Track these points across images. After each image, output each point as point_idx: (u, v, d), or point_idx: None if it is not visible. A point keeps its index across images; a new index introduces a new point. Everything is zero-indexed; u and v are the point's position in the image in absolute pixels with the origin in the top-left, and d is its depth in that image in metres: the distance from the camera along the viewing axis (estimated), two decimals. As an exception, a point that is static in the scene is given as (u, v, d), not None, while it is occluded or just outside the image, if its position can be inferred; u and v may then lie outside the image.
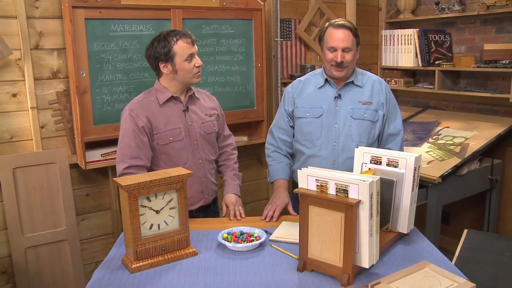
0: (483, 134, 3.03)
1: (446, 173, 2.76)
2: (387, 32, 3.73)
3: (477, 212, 3.40)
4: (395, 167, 1.70)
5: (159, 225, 1.64)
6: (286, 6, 3.41)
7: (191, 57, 1.98)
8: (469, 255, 2.24)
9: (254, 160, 3.51)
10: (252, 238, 1.75)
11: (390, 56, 3.74)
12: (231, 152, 2.31)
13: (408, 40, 3.55)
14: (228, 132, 2.33)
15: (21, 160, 2.54)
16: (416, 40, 3.47)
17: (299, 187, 1.55)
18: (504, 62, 2.99)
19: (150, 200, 1.61)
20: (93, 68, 2.56)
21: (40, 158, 2.59)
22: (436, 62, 3.41)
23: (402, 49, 3.62)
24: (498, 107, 3.27)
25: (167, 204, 1.64)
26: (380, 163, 1.73)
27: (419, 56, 3.48)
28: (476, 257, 2.23)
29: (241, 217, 2.03)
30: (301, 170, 1.54)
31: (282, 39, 3.42)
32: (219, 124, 2.21)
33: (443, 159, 2.91)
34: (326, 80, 2.13)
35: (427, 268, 1.46)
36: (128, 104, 2.03)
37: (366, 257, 1.46)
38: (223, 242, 1.71)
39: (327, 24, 2.09)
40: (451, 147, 3.02)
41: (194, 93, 2.11)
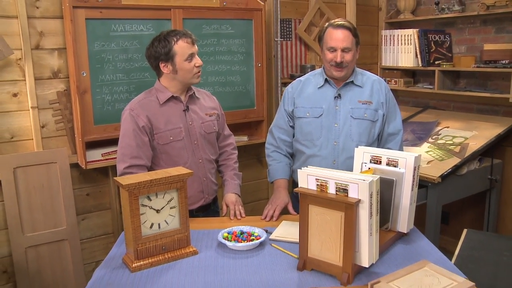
0: (483, 134, 3.03)
1: (446, 173, 2.77)
2: (387, 32, 3.73)
3: (476, 212, 3.40)
4: (395, 166, 1.71)
5: (159, 224, 1.64)
6: (286, 6, 3.41)
7: (191, 57, 1.98)
8: (468, 255, 2.24)
9: (254, 160, 3.51)
10: (252, 238, 1.75)
11: (390, 56, 3.74)
12: (231, 151, 2.31)
13: (408, 40, 3.55)
14: (228, 132, 2.33)
15: (21, 159, 2.54)
16: (416, 40, 3.47)
17: (299, 186, 1.56)
18: (504, 62, 2.99)
19: (151, 199, 1.61)
20: (93, 68, 2.56)
21: (41, 158, 2.60)
22: (436, 62, 3.42)
23: (402, 49, 3.62)
24: (498, 107, 3.27)
25: (168, 204, 1.65)
26: (380, 162, 1.74)
27: (419, 56, 3.49)
28: (475, 256, 2.23)
29: (241, 216, 2.04)
30: (301, 169, 1.54)
31: (282, 39, 3.42)
32: (219, 124, 2.22)
33: (443, 159, 2.92)
34: (326, 80, 2.13)
35: (426, 267, 1.46)
36: (128, 103, 2.03)
37: (366, 256, 1.46)
38: (223, 241, 1.72)
39: (326, 24, 2.09)
40: (451, 147, 3.02)
41: (195, 92, 2.12)
